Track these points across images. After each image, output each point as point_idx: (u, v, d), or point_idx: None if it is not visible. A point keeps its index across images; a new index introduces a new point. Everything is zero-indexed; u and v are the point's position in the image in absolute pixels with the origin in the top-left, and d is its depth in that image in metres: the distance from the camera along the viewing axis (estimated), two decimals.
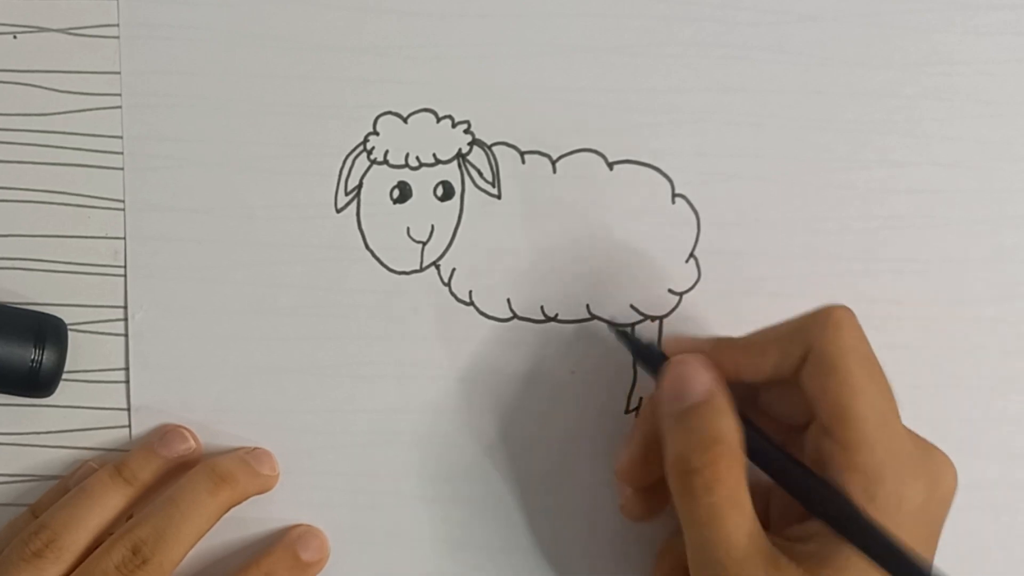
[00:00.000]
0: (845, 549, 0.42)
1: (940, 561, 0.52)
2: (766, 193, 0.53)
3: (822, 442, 0.44)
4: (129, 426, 0.52)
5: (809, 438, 0.45)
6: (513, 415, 0.53)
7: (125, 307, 0.52)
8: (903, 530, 0.42)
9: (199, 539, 0.48)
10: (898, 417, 0.44)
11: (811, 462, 0.45)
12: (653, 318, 0.53)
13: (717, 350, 0.47)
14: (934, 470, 0.45)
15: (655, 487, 0.48)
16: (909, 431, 0.45)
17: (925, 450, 0.45)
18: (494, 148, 0.53)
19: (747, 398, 0.49)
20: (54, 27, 0.52)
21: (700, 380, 0.46)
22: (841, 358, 0.43)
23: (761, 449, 0.45)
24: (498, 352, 0.53)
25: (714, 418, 0.45)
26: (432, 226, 0.52)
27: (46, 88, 0.52)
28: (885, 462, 0.43)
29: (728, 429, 0.44)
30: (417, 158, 0.52)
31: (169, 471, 0.51)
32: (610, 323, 0.52)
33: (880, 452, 0.43)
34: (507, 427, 0.53)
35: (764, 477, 0.45)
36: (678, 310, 0.53)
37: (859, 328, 0.45)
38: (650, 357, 0.49)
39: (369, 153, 0.52)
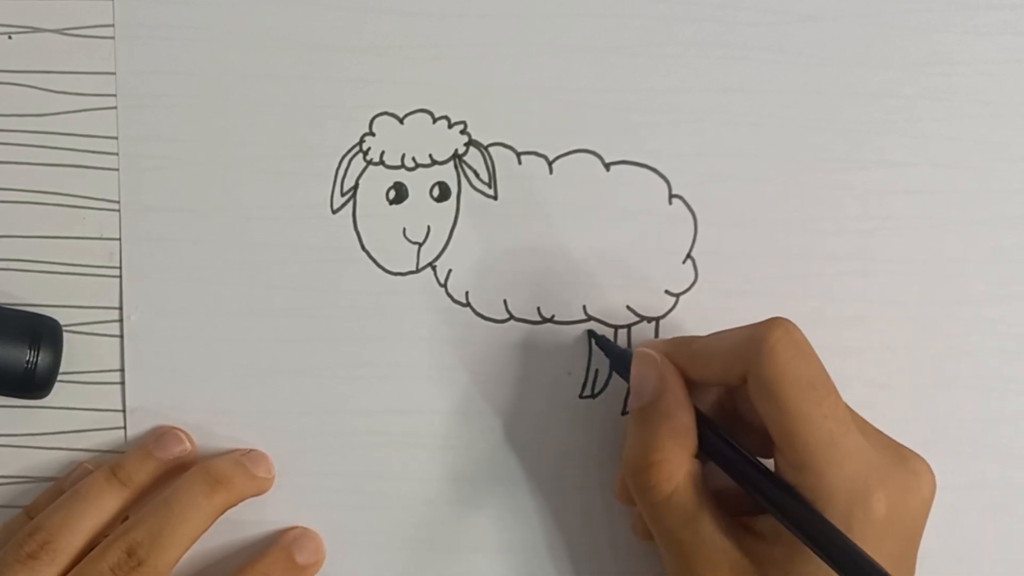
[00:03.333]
0: (798, 548, 0.43)
1: (939, 562, 0.52)
2: (764, 194, 0.53)
3: (777, 459, 0.45)
4: (124, 428, 0.52)
5: (774, 454, 0.46)
6: (510, 416, 0.53)
7: (120, 308, 0.52)
8: (866, 544, 0.42)
9: (194, 541, 0.48)
10: (847, 434, 0.43)
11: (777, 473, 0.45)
12: (650, 319, 0.53)
13: (671, 350, 0.47)
14: (902, 480, 0.44)
15: None
16: (878, 439, 0.45)
17: (894, 458, 0.45)
18: (490, 149, 0.52)
19: (728, 402, 0.49)
20: (49, 27, 0.52)
21: (650, 379, 0.46)
22: (778, 383, 0.43)
23: (719, 448, 0.46)
24: (495, 353, 0.52)
25: (659, 417, 0.45)
26: (428, 227, 0.52)
27: (41, 88, 0.52)
28: (832, 483, 0.42)
29: (670, 434, 0.45)
30: (413, 159, 0.52)
31: (165, 473, 0.51)
32: (591, 331, 0.52)
33: (827, 475, 0.43)
34: (504, 428, 0.53)
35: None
36: (675, 311, 0.53)
37: (799, 346, 0.44)
38: (623, 363, 0.49)
39: (365, 154, 0.52)
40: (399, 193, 0.52)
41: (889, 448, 0.45)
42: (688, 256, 0.53)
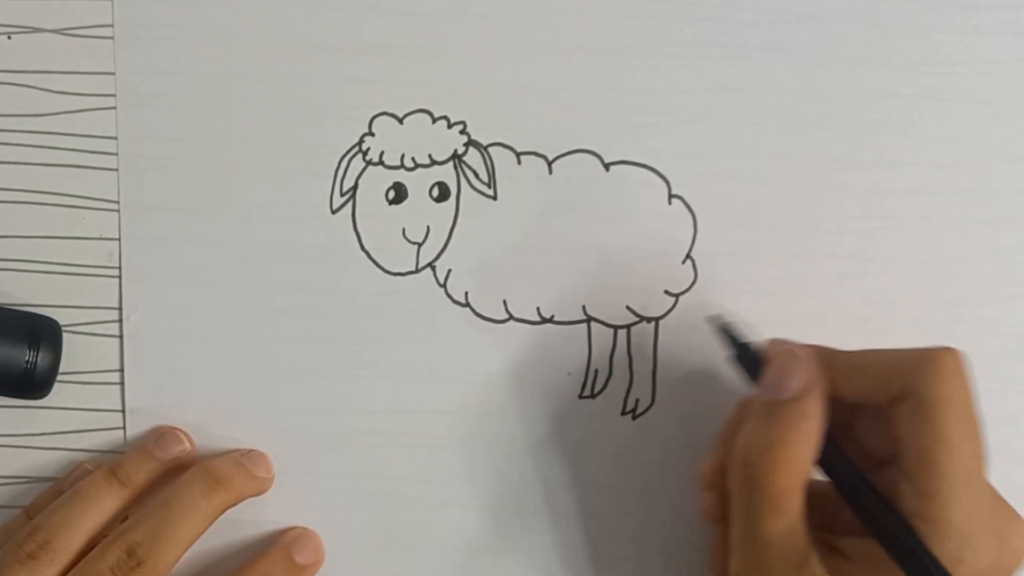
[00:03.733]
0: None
1: None
2: (764, 194, 0.53)
3: (900, 483, 0.43)
4: (124, 428, 0.52)
5: (888, 474, 0.45)
6: (509, 417, 0.52)
7: (120, 308, 0.52)
8: None
9: (194, 541, 0.48)
10: (982, 476, 0.43)
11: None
12: (649, 319, 0.53)
13: (819, 359, 0.46)
14: (1008, 533, 0.44)
15: None
16: (993, 492, 0.45)
17: (1003, 512, 0.45)
18: (490, 149, 0.52)
19: (839, 416, 0.48)
20: (49, 27, 0.52)
21: (799, 378, 0.45)
22: (939, 409, 0.42)
23: (839, 467, 0.45)
24: (494, 354, 0.52)
25: (793, 418, 0.44)
26: (428, 227, 0.52)
27: (40, 89, 0.52)
28: (953, 520, 0.42)
29: (803, 433, 0.44)
30: (413, 159, 0.52)
31: (164, 473, 0.51)
32: (713, 319, 0.50)
33: (953, 509, 0.42)
34: (503, 429, 0.53)
35: None
36: (675, 311, 0.53)
37: (964, 377, 0.43)
38: (748, 358, 0.48)
39: (365, 154, 0.52)
40: (399, 193, 0.52)
41: (1003, 507, 0.45)
42: (688, 256, 0.53)
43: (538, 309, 0.53)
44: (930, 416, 0.42)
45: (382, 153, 0.52)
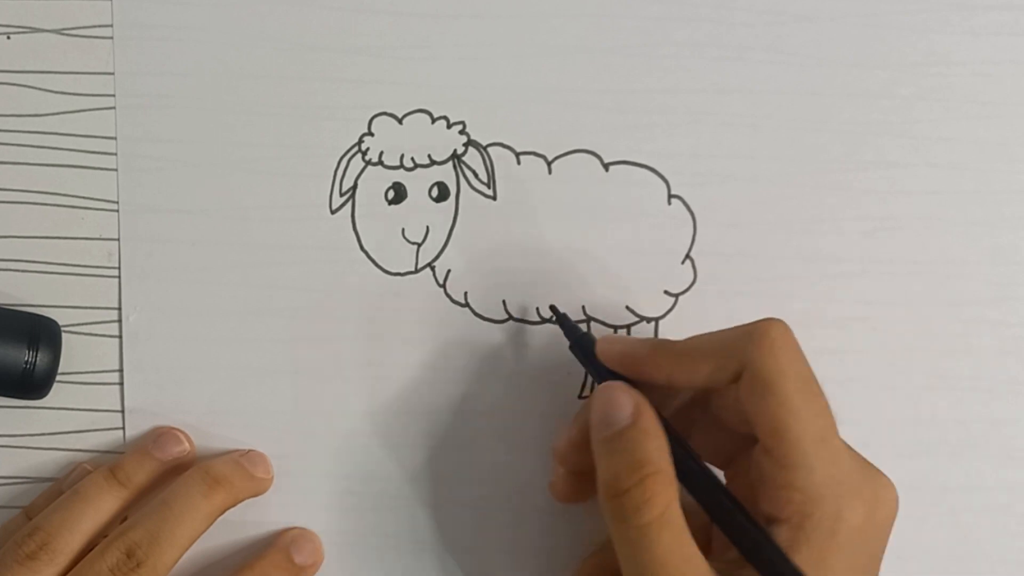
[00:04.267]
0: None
1: (939, 562, 0.52)
2: (762, 194, 0.53)
3: (762, 459, 0.44)
4: (123, 428, 0.52)
5: (753, 454, 0.45)
6: (509, 417, 0.52)
7: (119, 309, 0.52)
8: (839, 550, 0.42)
9: (193, 542, 0.48)
10: (836, 436, 0.44)
11: (754, 477, 0.45)
12: (649, 319, 0.53)
13: (651, 353, 0.47)
14: (874, 492, 0.44)
15: (587, 473, 0.47)
16: (850, 451, 0.45)
17: (866, 471, 0.45)
18: (489, 149, 0.52)
19: (700, 405, 0.49)
20: (47, 27, 0.52)
21: (625, 404, 0.45)
22: (777, 378, 0.43)
23: (691, 472, 0.45)
24: (493, 354, 0.52)
25: (640, 440, 0.44)
26: (427, 227, 0.52)
27: (39, 89, 0.52)
28: (822, 482, 0.42)
29: (654, 450, 0.44)
30: (412, 159, 0.52)
31: (163, 473, 0.51)
32: (553, 306, 0.52)
33: (817, 472, 0.42)
34: (503, 429, 0.52)
35: None
36: (674, 311, 0.53)
37: (795, 345, 0.44)
38: (583, 345, 0.49)
39: (364, 154, 0.52)
40: (398, 193, 0.52)
41: (860, 461, 0.45)
42: (687, 256, 0.53)
43: (538, 309, 0.53)
44: (769, 387, 0.43)
45: (381, 153, 0.52)
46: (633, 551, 0.43)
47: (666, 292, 0.53)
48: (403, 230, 0.52)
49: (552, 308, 0.52)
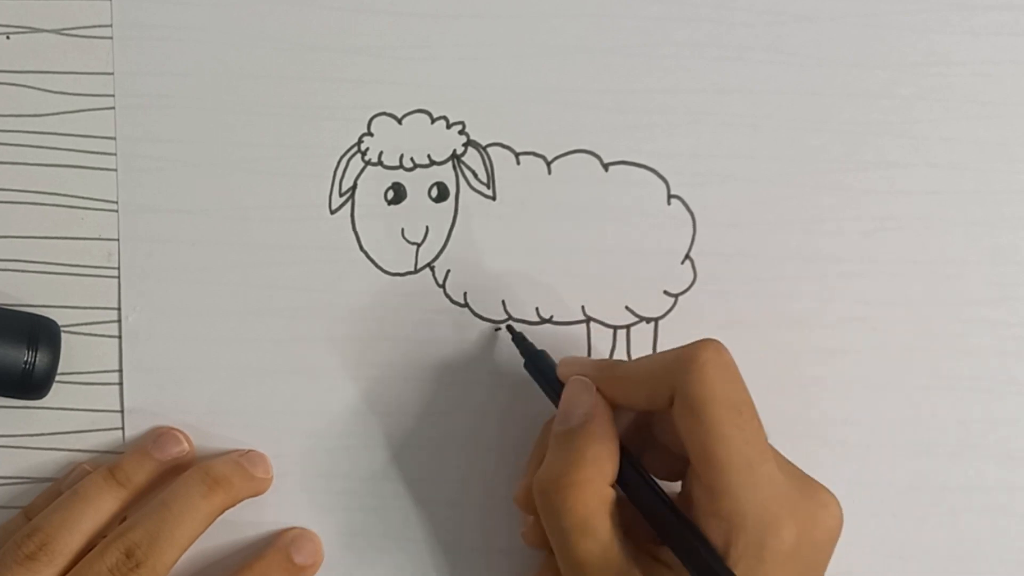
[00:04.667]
0: None
1: (939, 562, 0.52)
2: (762, 194, 0.53)
3: (693, 483, 0.44)
4: (122, 428, 0.52)
5: (686, 477, 0.45)
6: (508, 417, 0.52)
7: (119, 309, 0.52)
8: (773, 573, 0.42)
9: (192, 542, 0.48)
10: (765, 461, 0.43)
11: (687, 499, 0.45)
12: (648, 320, 0.53)
13: (598, 375, 0.47)
14: (811, 512, 0.44)
15: None
16: (789, 470, 0.45)
17: (804, 491, 0.44)
18: (489, 149, 0.52)
19: (644, 424, 0.49)
20: (47, 27, 0.52)
21: (582, 404, 0.46)
22: (705, 403, 0.43)
23: (634, 484, 0.45)
24: (493, 354, 0.52)
25: (583, 442, 0.45)
26: (427, 227, 0.52)
27: (39, 89, 0.52)
28: (746, 510, 0.42)
29: (595, 455, 0.44)
30: (412, 159, 0.52)
31: (163, 474, 0.51)
32: (510, 326, 0.52)
33: (742, 500, 0.42)
34: (503, 429, 0.52)
35: None
36: (674, 312, 0.53)
37: (727, 368, 0.44)
38: (540, 365, 0.50)
39: (363, 154, 0.52)
40: (397, 193, 0.52)
41: (800, 480, 0.45)
42: (687, 256, 0.53)
43: (537, 309, 0.52)
44: (698, 413, 0.43)
45: (381, 153, 0.52)
46: (557, 548, 0.45)
47: (666, 292, 0.53)
48: (403, 230, 0.52)
49: (508, 327, 0.52)
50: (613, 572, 0.43)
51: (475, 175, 0.52)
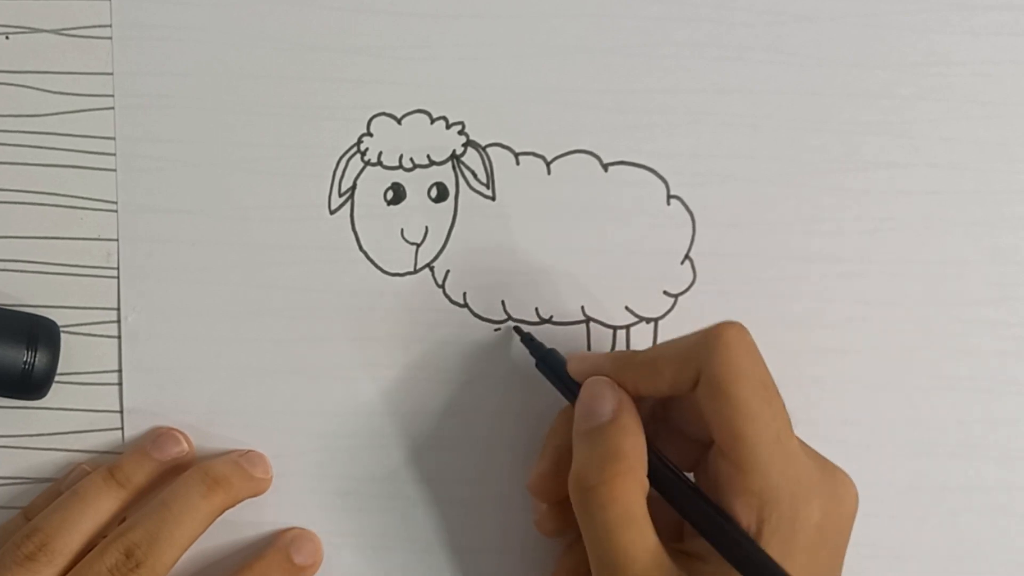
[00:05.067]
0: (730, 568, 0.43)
1: (939, 562, 0.52)
2: (762, 194, 0.53)
3: (719, 463, 0.44)
4: (122, 428, 0.52)
5: (710, 457, 0.45)
6: (508, 417, 0.52)
7: (118, 309, 0.52)
8: (800, 550, 0.42)
9: (192, 542, 0.48)
10: (791, 437, 0.44)
11: (712, 481, 0.45)
12: (648, 320, 0.53)
13: (616, 366, 0.47)
14: (833, 490, 0.44)
15: (567, 502, 0.47)
16: (807, 449, 0.45)
17: (824, 470, 0.45)
18: (488, 149, 0.52)
19: (659, 413, 0.49)
20: (46, 28, 0.52)
21: (609, 400, 0.46)
22: (732, 381, 0.43)
23: (661, 475, 0.45)
24: (492, 354, 0.52)
25: (616, 437, 0.45)
26: (426, 228, 0.52)
27: (38, 89, 0.52)
28: (779, 484, 0.43)
29: (630, 448, 0.45)
30: (411, 159, 0.52)
31: (162, 474, 0.51)
32: (517, 327, 0.52)
33: (773, 475, 0.43)
34: (502, 429, 0.52)
35: None
36: (673, 312, 0.53)
37: (751, 347, 0.44)
38: (552, 363, 0.50)
39: (363, 154, 0.52)
40: (397, 194, 0.52)
41: (819, 460, 0.45)
42: (686, 257, 0.53)
43: (537, 310, 0.52)
44: (724, 390, 0.43)
45: (380, 153, 0.52)
46: (599, 545, 0.44)
47: (665, 293, 0.53)
48: (402, 230, 0.52)
49: (516, 328, 0.52)
50: (656, 563, 0.43)
51: (474, 175, 0.52)
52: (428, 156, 0.52)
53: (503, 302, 0.52)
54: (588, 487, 0.44)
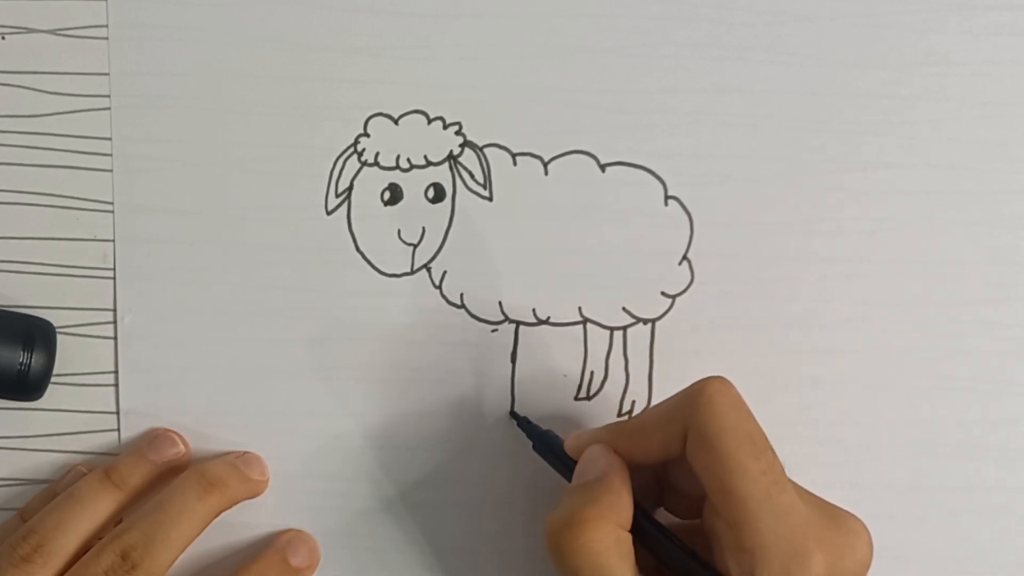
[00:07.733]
0: None
1: (939, 562, 0.52)
2: (760, 195, 0.53)
3: (713, 520, 0.44)
4: (118, 430, 0.52)
5: (705, 515, 0.45)
6: (506, 418, 0.52)
7: (114, 310, 0.52)
8: None
9: (188, 544, 0.48)
10: (785, 490, 0.43)
11: (708, 539, 0.44)
12: (646, 321, 0.52)
13: (609, 437, 0.47)
14: (841, 540, 0.43)
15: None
16: (810, 498, 0.44)
17: (831, 519, 0.44)
18: (486, 150, 0.52)
19: (662, 476, 0.49)
20: (43, 28, 0.52)
21: (601, 463, 0.46)
22: (716, 435, 0.43)
23: (652, 536, 0.45)
24: (490, 355, 0.52)
25: (596, 490, 0.45)
26: (423, 228, 0.52)
27: (35, 89, 0.52)
28: (769, 542, 0.42)
29: (608, 500, 0.44)
30: (408, 160, 0.52)
31: (159, 475, 0.51)
32: (514, 412, 0.52)
33: (764, 531, 0.42)
34: (500, 430, 0.52)
35: None
36: (671, 313, 0.53)
37: (736, 400, 0.44)
38: (549, 443, 0.50)
39: (360, 155, 0.52)
40: (394, 194, 0.52)
41: (825, 509, 0.44)
42: (684, 257, 0.53)
43: (534, 310, 0.52)
44: (711, 445, 0.43)
45: (377, 154, 0.52)
46: None
47: (663, 293, 0.53)
48: (399, 231, 0.52)
49: (512, 414, 0.52)
50: None
51: (472, 176, 0.52)
52: (425, 157, 0.52)
53: (500, 303, 0.52)
54: (557, 531, 0.44)
